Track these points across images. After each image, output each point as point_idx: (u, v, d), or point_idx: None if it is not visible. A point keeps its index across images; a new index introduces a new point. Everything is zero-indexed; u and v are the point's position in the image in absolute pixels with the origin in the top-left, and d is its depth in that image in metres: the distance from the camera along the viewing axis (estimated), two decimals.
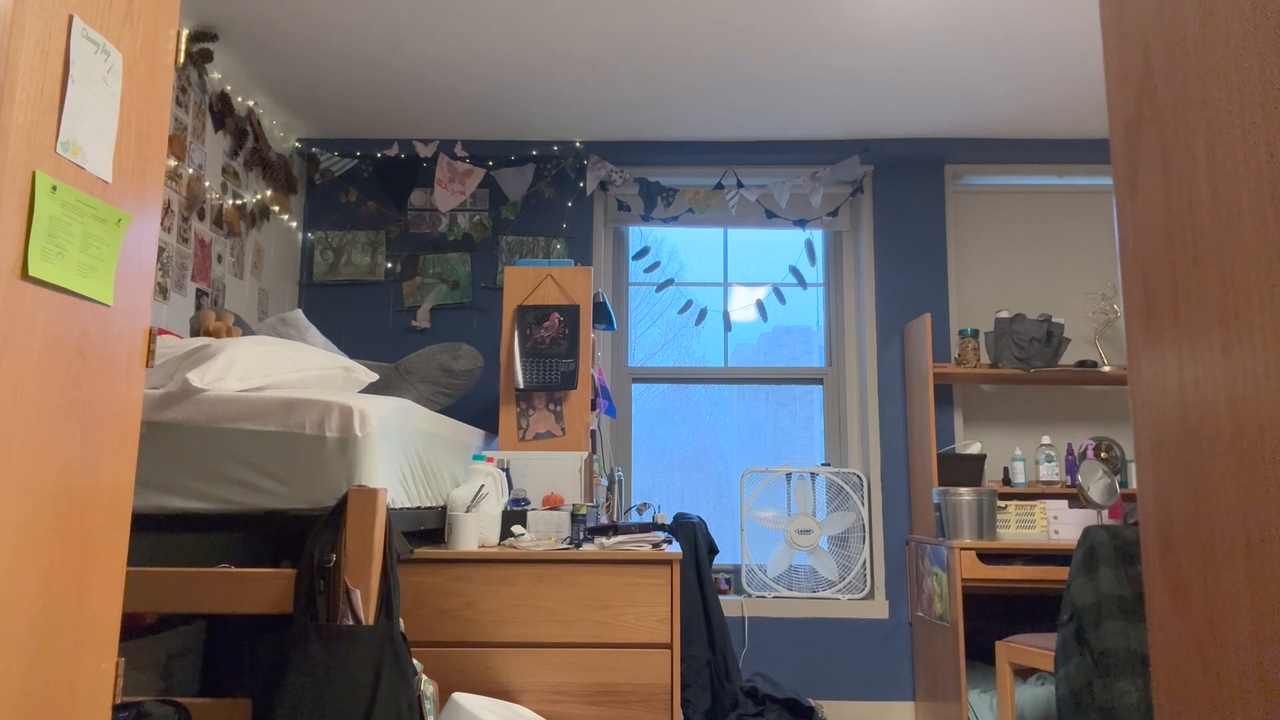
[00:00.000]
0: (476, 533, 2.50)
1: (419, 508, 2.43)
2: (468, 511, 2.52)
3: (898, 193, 4.24)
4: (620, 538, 2.50)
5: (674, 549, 2.47)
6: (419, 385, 3.41)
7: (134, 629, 2.27)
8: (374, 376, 2.70)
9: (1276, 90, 0.83)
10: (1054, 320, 3.84)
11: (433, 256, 4.26)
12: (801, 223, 4.28)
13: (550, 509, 2.77)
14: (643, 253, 4.33)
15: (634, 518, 3.96)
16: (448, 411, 4.08)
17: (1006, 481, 3.97)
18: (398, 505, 2.24)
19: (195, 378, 2.15)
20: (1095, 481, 3.44)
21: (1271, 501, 0.83)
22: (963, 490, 3.50)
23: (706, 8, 3.15)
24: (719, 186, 4.26)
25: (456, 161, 4.27)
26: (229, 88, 3.61)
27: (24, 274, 1.31)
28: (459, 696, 2.16)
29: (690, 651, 3.27)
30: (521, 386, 3.25)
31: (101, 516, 1.53)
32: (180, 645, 2.40)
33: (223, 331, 3.00)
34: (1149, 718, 2.01)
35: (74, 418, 1.45)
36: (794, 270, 4.30)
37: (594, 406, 3.39)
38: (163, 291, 3.22)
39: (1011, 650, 2.89)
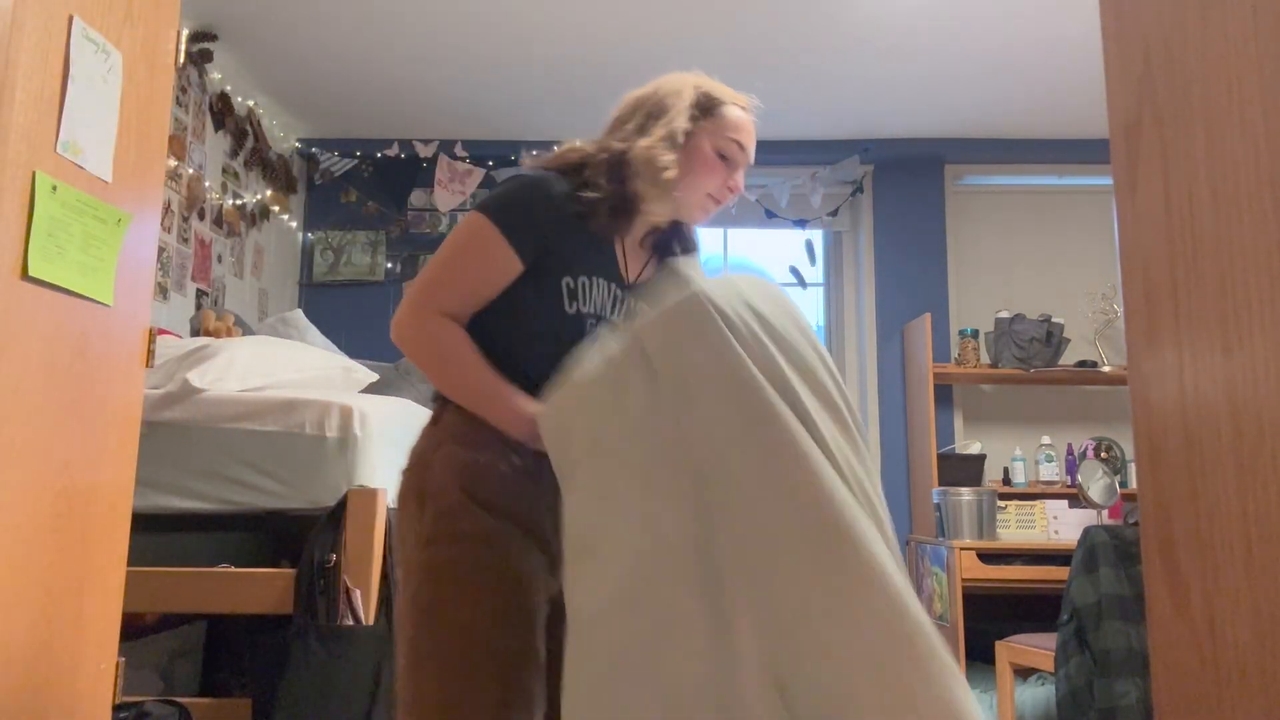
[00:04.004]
0: None
1: None
2: None
3: (898, 193, 4.24)
4: None
5: None
6: (419, 385, 3.41)
7: (134, 629, 2.26)
8: (374, 376, 2.70)
9: (1276, 90, 0.83)
10: (1054, 320, 3.84)
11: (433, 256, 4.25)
12: (801, 223, 4.28)
13: None
14: None
15: None
16: None
17: (1006, 481, 3.97)
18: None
19: (195, 378, 2.15)
20: (1095, 481, 3.44)
21: (1271, 501, 0.83)
22: (963, 490, 3.50)
23: (707, 8, 3.15)
24: None
25: (456, 161, 4.27)
26: (229, 88, 3.61)
27: (24, 274, 1.31)
28: None
29: None
30: None
31: (101, 516, 1.53)
32: (180, 645, 2.40)
33: (223, 331, 3.00)
34: (1149, 718, 2.01)
35: (74, 418, 1.44)
36: (794, 270, 4.30)
37: None
38: (163, 291, 3.22)
39: (1011, 650, 2.89)
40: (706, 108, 1.37)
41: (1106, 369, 3.89)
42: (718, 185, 1.36)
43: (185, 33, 1.75)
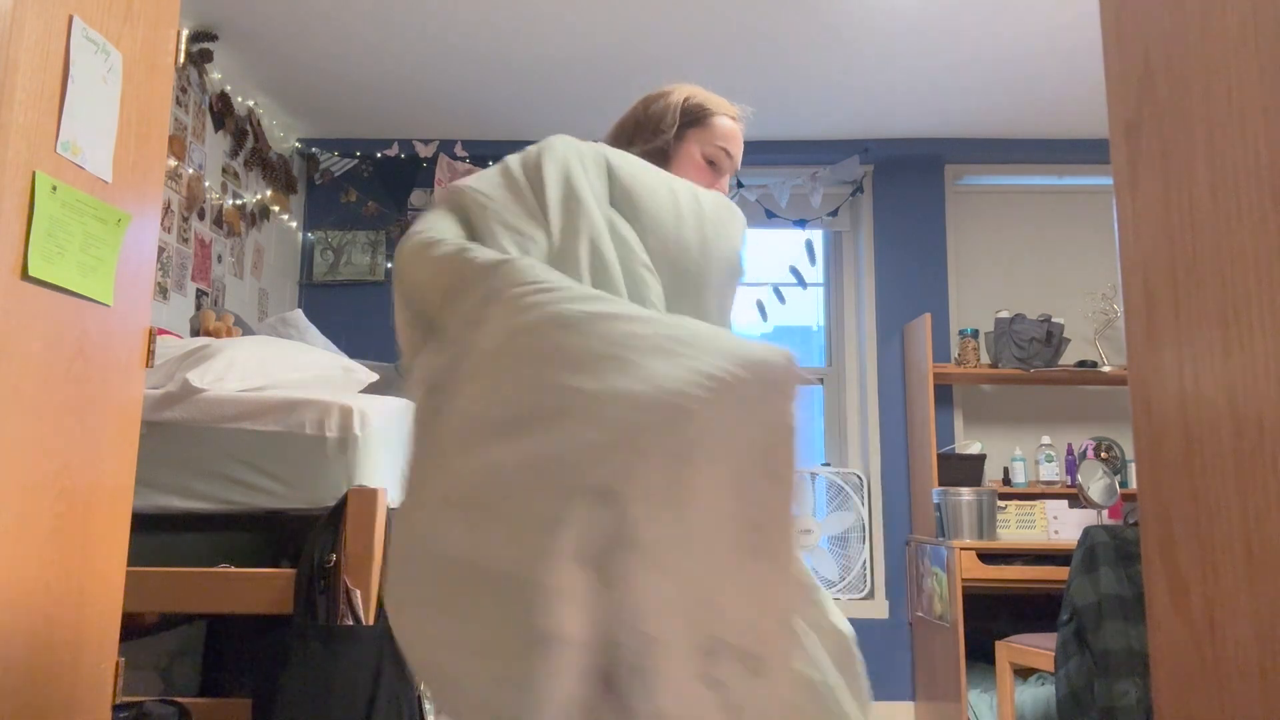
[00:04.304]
0: None
1: None
2: None
3: (898, 193, 4.24)
4: None
5: None
6: None
7: (134, 629, 2.26)
8: (374, 376, 2.70)
9: (1276, 90, 0.83)
10: (1054, 320, 3.83)
11: None
12: (801, 223, 4.28)
13: None
14: None
15: None
16: None
17: (1006, 481, 3.97)
18: (398, 505, 2.24)
19: (195, 378, 2.15)
20: (1095, 481, 3.44)
21: (1271, 501, 0.83)
22: (963, 490, 3.50)
23: (707, 7, 3.15)
24: None
25: (456, 161, 4.27)
26: (229, 88, 3.62)
27: (24, 274, 1.31)
28: None
29: None
30: None
31: (101, 516, 1.53)
32: (180, 645, 2.40)
33: (223, 331, 3.00)
34: (1149, 718, 2.01)
35: (74, 418, 1.45)
36: (794, 270, 4.30)
37: None
38: (163, 291, 3.22)
39: (1011, 650, 2.89)
40: (697, 117, 1.46)
41: (1106, 369, 3.89)
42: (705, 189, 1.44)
43: (185, 33, 1.75)
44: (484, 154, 4.27)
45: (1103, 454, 4.03)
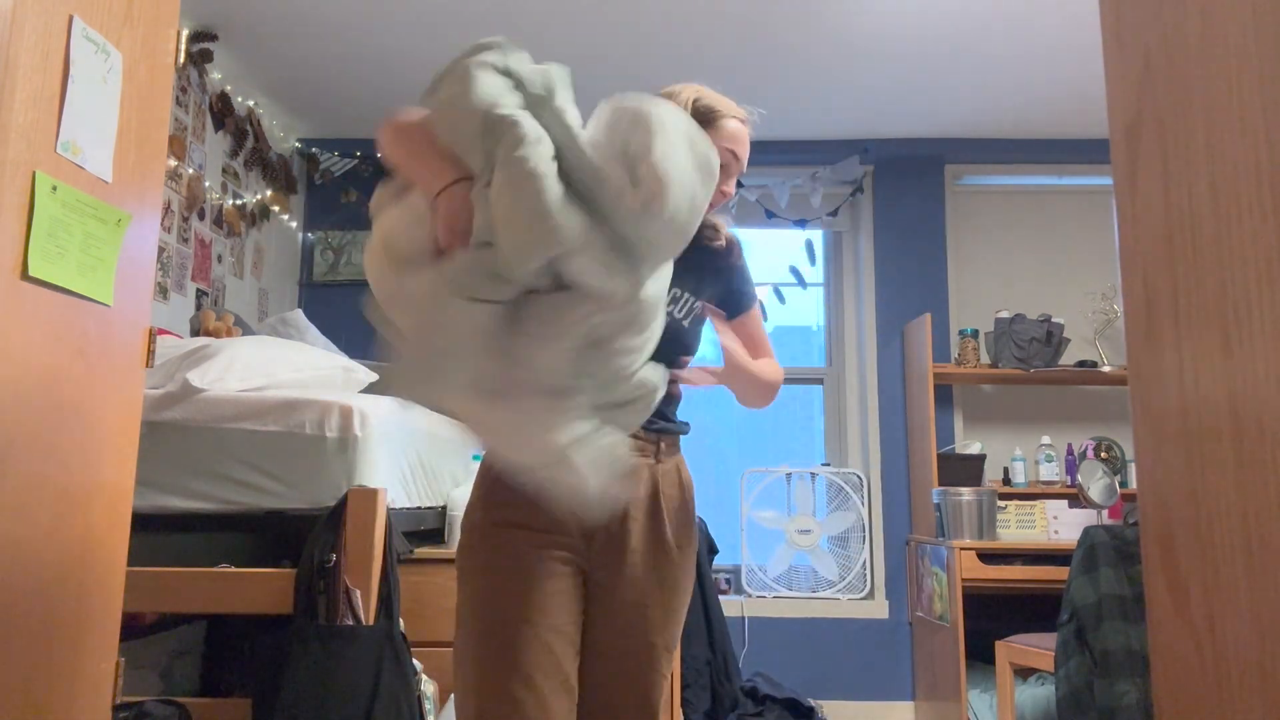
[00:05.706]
0: None
1: (419, 508, 2.43)
2: None
3: (898, 193, 4.24)
4: None
5: None
6: None
7: (134, 629, 2.26)
8: (374, 376, 2.70)
9: (1276, 90, 0.83)
10: (1054, 320, 3.83)
11: None
12: (801, 223, 4.27)
13: None
14: None
15: None
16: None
17: (1006, 481, 3.96)
18: (398, 505, 2.24)
19: (195, 378, 2.15)
20: (1095, 481, 3.44)
21: (1271, 501, 0.83)
22: (963, 490, 3.50)
23: (707, 8, 3.15)
24: None
25: None
26: (229, 88, 3.61)
27: (24, 274, 1.31)
28: None
29: (690, 651, 3.27)
30: None
31: (101, 516, 1.53)
32: (180, 645, 2.40)
33: (223, 331, 3.00)
34: (1149, 718, 2.01)
35: (74, 418, 1.45)
36: (794, 270, 4.29)
37: None
38: (163, 291, 3.22)
39: (1011, 650, 2.89)
40: (706, 119, 1.55)
41: (1106, 369, 3.88)
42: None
43: (185, 33, 1.75)
44: None
45: (1103, 454, 4.03)
